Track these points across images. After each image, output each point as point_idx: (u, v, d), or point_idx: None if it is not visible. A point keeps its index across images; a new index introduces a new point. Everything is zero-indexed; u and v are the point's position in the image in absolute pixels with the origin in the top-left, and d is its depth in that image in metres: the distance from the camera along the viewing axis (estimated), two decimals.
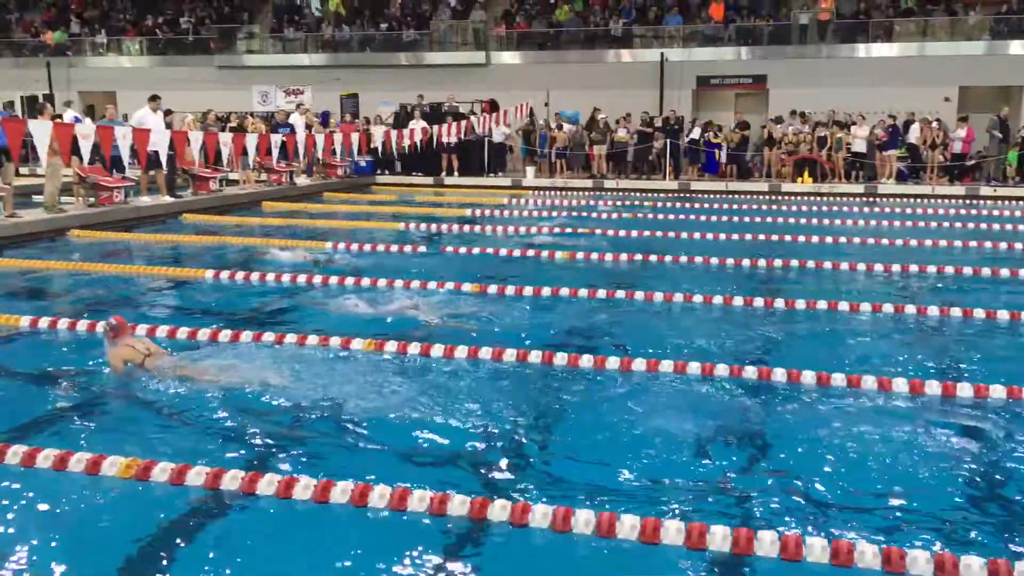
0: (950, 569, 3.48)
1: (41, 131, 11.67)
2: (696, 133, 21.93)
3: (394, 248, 11.77)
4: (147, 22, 31.01)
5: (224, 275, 9.57)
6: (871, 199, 18.80)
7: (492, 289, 8.98)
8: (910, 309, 8.13)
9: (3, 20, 33.04)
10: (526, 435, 5.17)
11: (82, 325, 7.23)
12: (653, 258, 10.91)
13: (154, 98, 15.44)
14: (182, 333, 7.03)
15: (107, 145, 13.01)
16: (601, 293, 8.74)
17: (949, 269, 10.23)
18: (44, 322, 7.33)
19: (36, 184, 15.22)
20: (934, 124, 20.67)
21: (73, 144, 12.40)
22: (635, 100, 23.85)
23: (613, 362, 6.29)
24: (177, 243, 12.38)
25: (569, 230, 13.60)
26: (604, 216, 15.60)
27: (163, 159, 14.44)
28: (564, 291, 8.81)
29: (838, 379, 5.94)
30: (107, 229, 13.04)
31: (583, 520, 3.83)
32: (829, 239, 12.71)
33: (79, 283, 9.66)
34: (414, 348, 6.63)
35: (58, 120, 13.59)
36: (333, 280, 9.30)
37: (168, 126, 15.70)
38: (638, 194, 19.86)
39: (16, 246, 11.65)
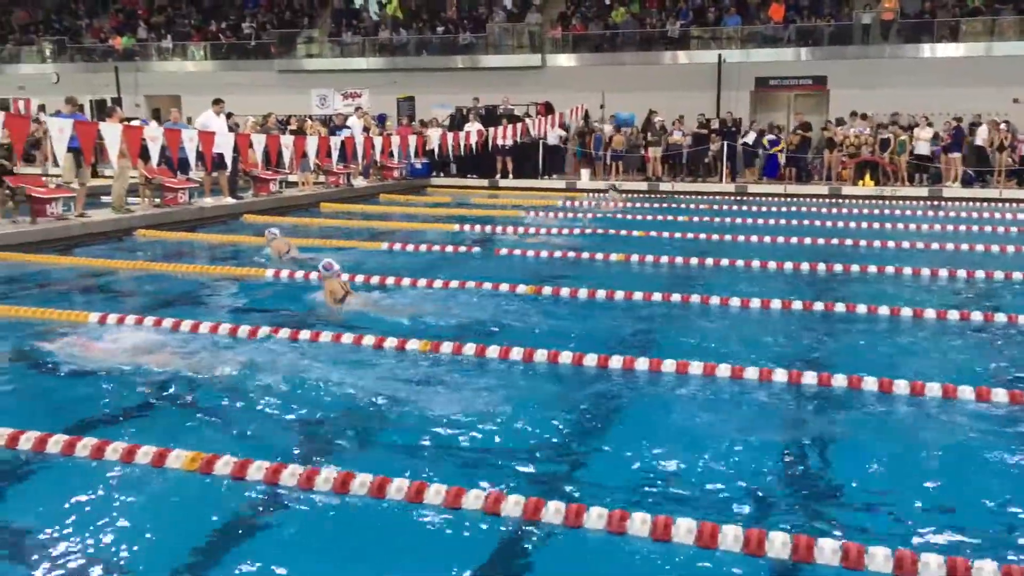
0: None
1: (111, 134, 12.02)
2: (751, 138, 21.60)
3: (449, 249, 11.85)
4: (211, 27, 31.72)
5: (283, 274, 9.75)
6: (935, 203, 18.33)
7: (547, 291, 8.99)
8: (976, 316, 7.90)
9: (74, 26, 34.12)
10: (581, 437, 5.16)
11: (148, 321, 7.43)
12: (709, 261, 10.80)
13: (217, 101, 15.79)
14: (243, 331, 7.18)
15: (174, 147, 13.34)
16: (656, 296, 8.69)
17: (1017, 275, 9.92)
18: (112, 318, 7.55)
19: (103, 185, 15.69)
20: (1002, 126, 20.08)
21: (141, 146, 12.76)
22: (692, 102, 23.65)
23: (669, 365, 6.24)
24: (238, 243, 12.63)
25: (624, 232, 13.55)
26: (659, 218, 15.48)
27: (228, 161, 14.77)
28: (619, 294, 8.78)
29: (901, 386, 5.81)
30: (172, 229, 13.38)
31: (639, 522, 3.81)
32: (891, 243, 12.45)
33: (145, 281, 9.92)
34: (469, 349, 6.67)
35: (127, 123, 13.96)
36: (389, 280, 9.40)
37: (231, 129, 16.04)
38: (694, 197, 19.68)
39: (85, 245, 12.02)
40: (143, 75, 30.86)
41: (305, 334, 7.08)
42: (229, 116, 17.49)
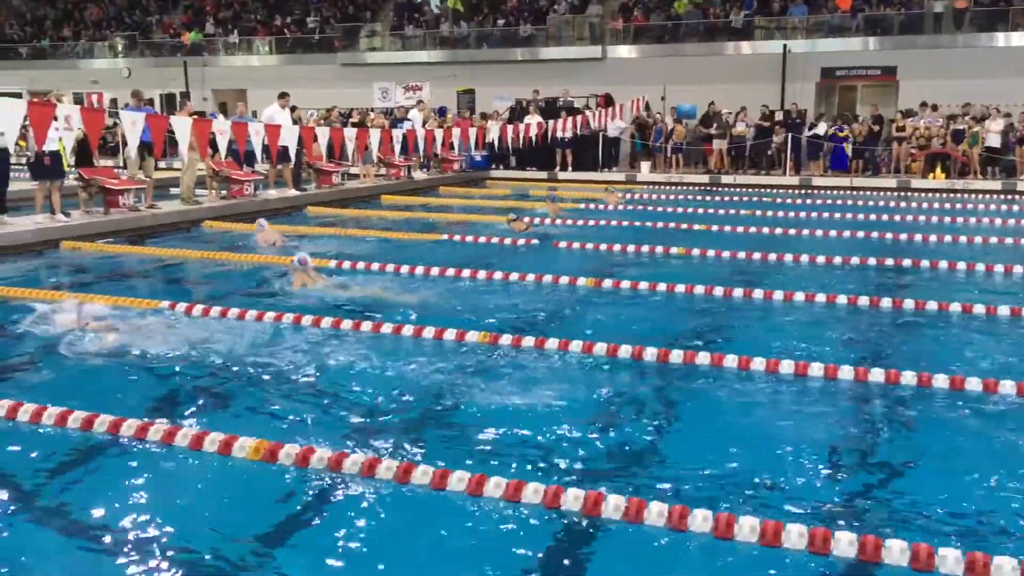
0: None
1: (182, 127, 12.31)
2: (821, 129, 21.11)
3: (507, 241, 11.87)
4: (276, 22, 32.27)
5: (346, 265, 9.89)
6: (1009, 196, 17.72)
7: (607, 284, 8.95)
8: None
9: (144, 22, 35.04)
10: (641, 432, 5.13)
11: (215, 310, 7.61)
12: (772, 256, 10.62)
13: (283, 95, 16.04)
14: (307, 320, 7.30)
15: (241, 140, 13.62)
16: (718, 291, 8.58)
17: None
18: (180, 307, 7.75)
19: (170, 178, 16.11)
20: None
21: (210, 139, 13.04)
22: (755, 93, 23.24)
23: (731, 360, 6.16)
24: (302, 235, 12.83)
25: (685, 226, 13.41)
26: (721, 212, 15.29)
27: (292, 154, 15.01)
28: (680, 288, 8.69)
29: (973, 383, 5.64)
30: (237, 220, 13.66)
31: (700, 518, 3.77)
32: (963, 238, 12.08)
33: (212, 271, 10.14)
34: (528, 341, 6.67)
35: (196, 116, 14.29)
36: (449, 272, 9.46)
37: (295, 122, 16.30)
38: (756, 190, 19.37)
39: (156, 235, 12.36)
40: (210, 69, 31.53)
41: (366, 325, 7.16)
42: (293, 110, 17.78)
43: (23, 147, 12.50)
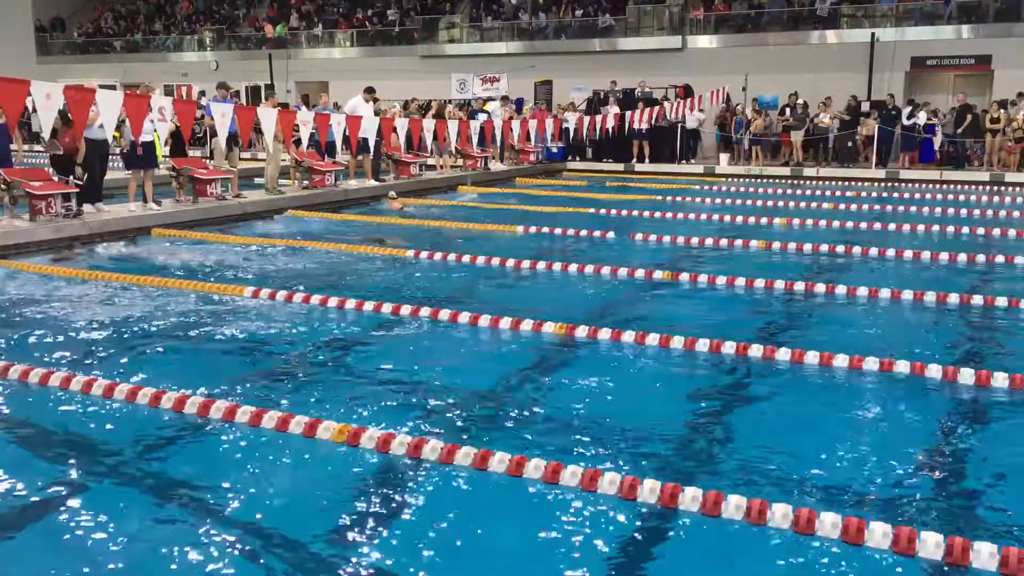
0: None
1: (268, 118, 12.64)
2: (922, 118, 20.35)
3: (583, 233, 11.85)
4: (357, 15, 32.78)
5: (423, 255, 10.02)
6: None
7: (684, 277, 8.87)
8: None
9: (232, 15, 36.01)
10: (720, 426, 5.09)
11: (297, 297, 7.81)
12: (857, 250, 10.36)
13: (370, 90, 16.31)
14: (386, 308, 7.44)
15: (323, 132, 13.91)
16: (799, 286, 8.41)
17: None
18: (264, 293, 7.98)
19: (253, 168, 16.55)
20: None
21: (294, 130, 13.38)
22: (840, 84, 22.65)
23: (812, 356, 6.05)
24: (381, 223, 13.06)
25: (765, 219, 13.17)
26: (803, 205, 14.97)
27: (371, 145, 15.26)
28: (759, 282, 8.56)
29: None
30: (319, 210, 13.97)
31: (780, 514, 3.72)
32: None
33: (294, 258, 10.40)
34: (605, 334, 6.67)
35: (281, 108, 14.64)
36: (525, 264, 9.50)
37: (376, 113, 16.56)
38: (840, 183, 18.89)
39: (241, 223, 12.74)
40: (293, 62, 32.22)
41: (444, 314, 7.26)
42: (375, 102, 18.08)
43: (118, 138, 13.01)
